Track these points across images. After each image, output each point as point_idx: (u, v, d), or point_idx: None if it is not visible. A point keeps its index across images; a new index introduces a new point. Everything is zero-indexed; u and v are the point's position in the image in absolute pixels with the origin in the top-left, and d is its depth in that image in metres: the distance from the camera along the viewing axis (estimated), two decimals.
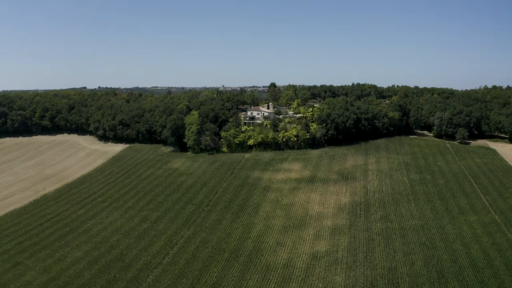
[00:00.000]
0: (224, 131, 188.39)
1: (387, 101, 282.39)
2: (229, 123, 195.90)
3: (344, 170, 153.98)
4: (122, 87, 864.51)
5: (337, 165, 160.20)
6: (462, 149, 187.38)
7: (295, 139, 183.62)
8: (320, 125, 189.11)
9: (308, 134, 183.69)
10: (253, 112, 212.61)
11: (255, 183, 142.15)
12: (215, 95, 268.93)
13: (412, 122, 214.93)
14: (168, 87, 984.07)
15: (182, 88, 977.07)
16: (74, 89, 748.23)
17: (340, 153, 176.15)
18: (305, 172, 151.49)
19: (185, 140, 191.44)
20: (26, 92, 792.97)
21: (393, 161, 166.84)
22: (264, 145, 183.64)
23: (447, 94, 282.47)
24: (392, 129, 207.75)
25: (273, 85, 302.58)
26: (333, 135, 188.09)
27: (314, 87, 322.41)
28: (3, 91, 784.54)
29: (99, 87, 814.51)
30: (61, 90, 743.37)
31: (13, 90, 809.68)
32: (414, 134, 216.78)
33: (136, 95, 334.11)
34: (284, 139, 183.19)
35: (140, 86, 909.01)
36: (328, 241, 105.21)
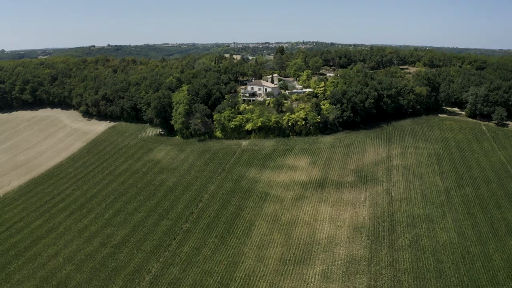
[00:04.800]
0: (218, 112, 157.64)
1: (411, 70, 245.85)
2: (224, 101, 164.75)
3: (363, 168, 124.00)
4: (132, 45, 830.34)
5: (353, 160, 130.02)
6: (501, 133, 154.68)
7: (303, 122, 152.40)
8: (334, 106, 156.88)
9: (318, 117, 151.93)
10: (254, 87, 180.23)
11: (249, 188, 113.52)
12: (213, 63, 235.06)
13: (442, 98, 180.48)
14: (179, 44, 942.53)
15: (193, 44, 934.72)
16: (82, 47, 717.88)
17: (357, 141, 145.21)
18: (313, 172, 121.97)
19: (172, 123, 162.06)
20: (34, 51, 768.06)
21: (422, 152, 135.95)
22: (265, 130, 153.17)
23: (479, 63, 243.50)
24: (418, 107, 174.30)
25: (280, 50, 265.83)
26: (349, 117, 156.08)
27: (328, 52, 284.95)
28: (13, 51, 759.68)
29: (108, 45, 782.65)
30: (70, 49, 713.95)
31: (22, 50, 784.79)
32: (443, 112, 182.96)
33: (129, 61, 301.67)
34: (290, 123, 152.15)
35: (151, 43, 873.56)
36: (340, 284, 78.07)
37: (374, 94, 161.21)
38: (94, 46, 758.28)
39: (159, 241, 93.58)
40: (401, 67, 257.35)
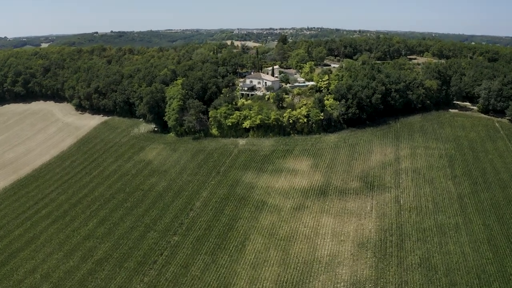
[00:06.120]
0: (214, 108, 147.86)
1: (420, 60, 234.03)
2: (221, 95, 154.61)
3: (369, 172, 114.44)
4: (135, 31, 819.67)
5: (359, 162, 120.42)
6: None
7: (305, 120, 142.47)
8: (338, 102, 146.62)
9: (321, 114, 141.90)
10: (253, 80, 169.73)
11: (245, 196, 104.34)
12: (211, 54, 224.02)
13: (453, 92, 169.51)
14: (183, 30, 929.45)
15: (197, 30, 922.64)
16: (85, 34, 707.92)
17: (363, 140, 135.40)
18: (315, 176, 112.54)
19: (165, 119, 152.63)
20: (37, 38, 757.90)
21: (433, 153, 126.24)
22: (264, 128, 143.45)
23: (491, 54, 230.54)
24: (428, 102, 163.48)
25: (282, 40, 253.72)
26: (354, 114, 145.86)
27: (332, 41, 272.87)
28: (16, 38, 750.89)
29: (111, 31, 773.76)
30: (72, 35, 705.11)
31: (25, 37, 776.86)
32: (454, 106, 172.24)
33: (126, 50, 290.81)
34: (291, 121, 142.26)
35: (154, 29, 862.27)
36: None
37: (382, 89, 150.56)
38: (97, 32, 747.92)
39: (144, 257, 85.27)
40: (409, 56, 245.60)
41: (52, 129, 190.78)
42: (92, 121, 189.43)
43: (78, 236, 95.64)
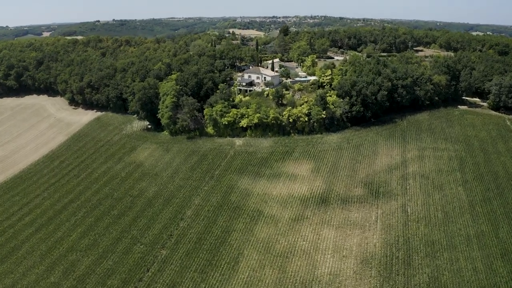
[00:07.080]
0: (209, 105, 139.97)
1: (427, 52, 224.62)
2: (217, 92, 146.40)
3: (374, 177, 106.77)
4: (137, 19, 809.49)
5: (363, 166, 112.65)
6: None
7: (306, 118, 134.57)
8: (342, 99, 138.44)
9: (324, 112, 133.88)
10: (252, 74, 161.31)
11: (240, 204, 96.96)
12: (209, 45, 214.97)
13: (462, 88, 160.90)
14: (185, 18, 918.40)
15: (200, 18, 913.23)
16: (87, 22, 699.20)
17: (367, 140, 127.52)
18: (316, 182, 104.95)
19: (158, 116, 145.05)
20: (38, 27, 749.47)
21: (442, 154, 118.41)
22: (262, 127, 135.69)
23: (501, 47, 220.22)
24: (436, 98, 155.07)
25: (283, 31, 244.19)
26: (358, 112, 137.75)
27: (336, 32, 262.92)
28: (17, 27, 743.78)
29: (113, 19, 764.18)
30: (74, 24, 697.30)
31: (26, 26, 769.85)
32: (463, 103, 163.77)
33: (123, 41, 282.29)
34: (291, 119, 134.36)
35: (157, 17, 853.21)
36: None
37: (388, 85, 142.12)
38: (98, 21, 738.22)
39: (129, 273, 78.60)
40: (415, 48, 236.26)
41: (44, 125, 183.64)
42: (85, 117, 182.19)
43: (61, 247, 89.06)
